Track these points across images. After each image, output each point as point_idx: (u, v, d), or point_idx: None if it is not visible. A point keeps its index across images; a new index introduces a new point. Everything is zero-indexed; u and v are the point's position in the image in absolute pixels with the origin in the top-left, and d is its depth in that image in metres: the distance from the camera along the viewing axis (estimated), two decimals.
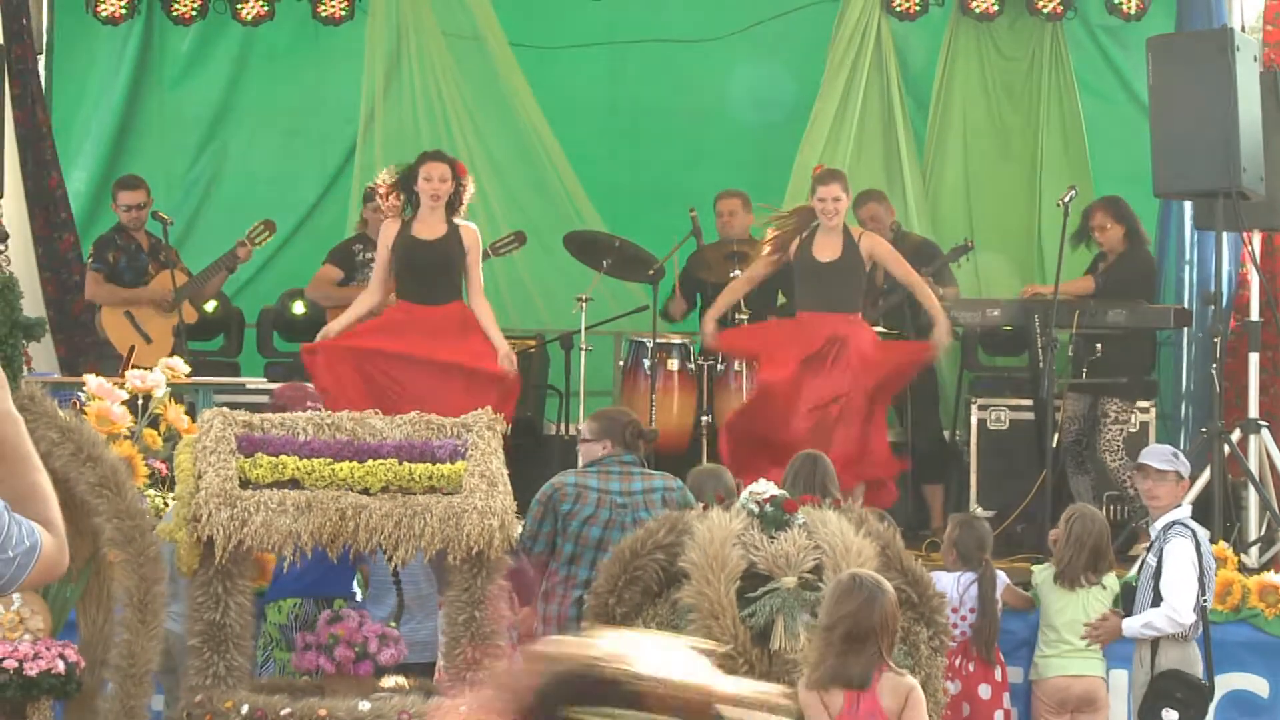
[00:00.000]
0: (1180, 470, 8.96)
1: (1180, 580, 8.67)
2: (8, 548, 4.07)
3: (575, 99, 14.07)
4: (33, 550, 4.11)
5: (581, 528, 8.51)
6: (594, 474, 8.64)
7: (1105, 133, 13.79)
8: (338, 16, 13.51)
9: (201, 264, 12.40)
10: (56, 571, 4.19)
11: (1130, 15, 13.45)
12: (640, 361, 11.92)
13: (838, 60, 13.56)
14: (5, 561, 4.08)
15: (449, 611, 7.45)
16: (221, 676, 7.27)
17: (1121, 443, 11.36)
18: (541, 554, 8.58)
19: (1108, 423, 11.43)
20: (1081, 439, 11.63)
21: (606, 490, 8.57)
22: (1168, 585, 8.68)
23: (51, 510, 4.20)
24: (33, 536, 4.12)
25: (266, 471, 7.37)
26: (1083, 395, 11.61)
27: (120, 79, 13.88)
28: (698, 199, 12.62)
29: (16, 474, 4.19)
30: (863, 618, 6.55)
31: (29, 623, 7.16)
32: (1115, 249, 11.77)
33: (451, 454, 7.53)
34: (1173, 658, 8.70)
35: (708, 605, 7.30)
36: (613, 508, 8.48)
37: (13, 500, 4.15)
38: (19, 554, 4.09)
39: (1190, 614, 8.65)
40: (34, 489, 4.20)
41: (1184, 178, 10.57)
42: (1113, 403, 11.46)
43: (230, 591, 7.31)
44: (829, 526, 7.51)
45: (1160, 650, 8.72)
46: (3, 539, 4.06)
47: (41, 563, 4.13)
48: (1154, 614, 8.68)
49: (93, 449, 7.13)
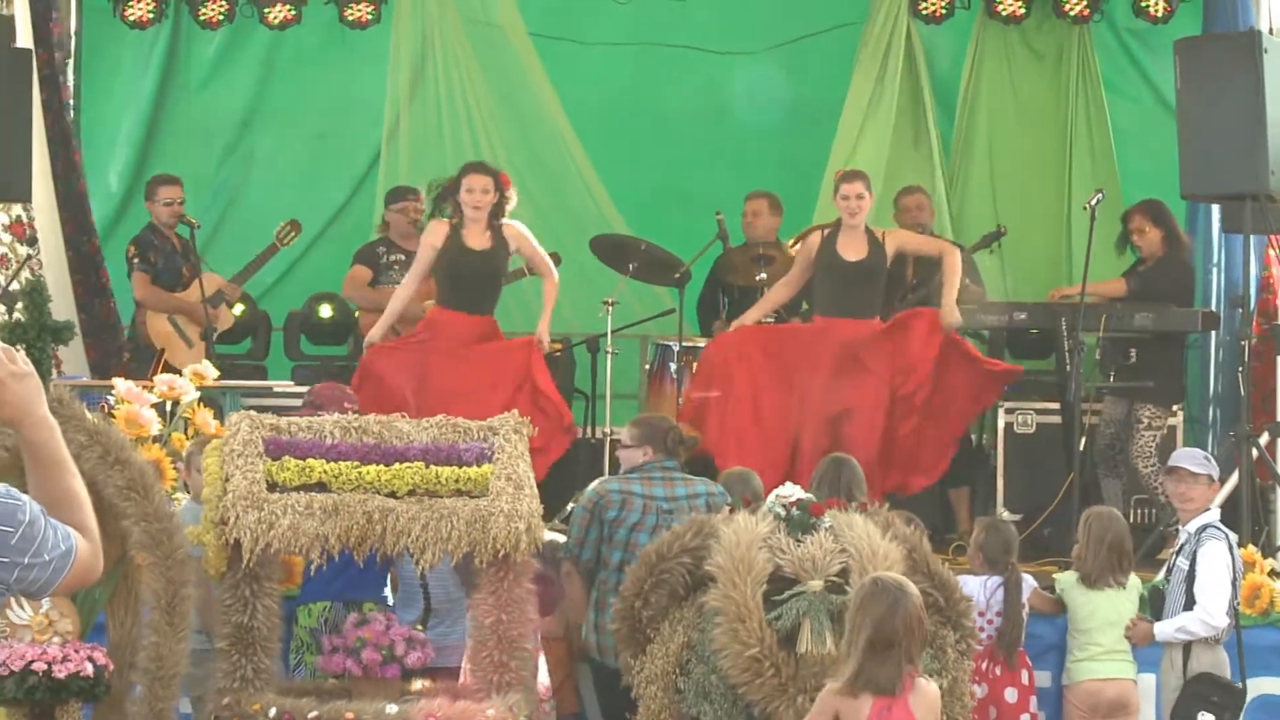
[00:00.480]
0: (1212, 473, 8.94)
1: (1215, 583, 8.65)
2: (43, 552, 4.12)
3: (601, 98, 14.10)
4: (68, 555, 4.14)
5: (630, 535, 8.49)
6: (637, 480, 8.64)
7: (1132, 135, 13.77)
8: (364, 20, 13.55)
9: (229, 267, 12.43)
10: (91, 576, 4.24)
11: (1157, 18, 13.44)
12: (666, 365, 11.92)
13: (866, 63, 13.57)
14: (41, 566, 4.12)
15: (475, 615, 7.46)
16: (249, 679, 7.28)
17: (1154, 449, 11.34)
18: (589, 561, 8.59)
19: (1141, 429, 11.41)
20: (1115, 444, 11.60)
21: (651, 496, 8.57)
22: (1202, 588, 8.65)
23: (86, 516, 4.23)
24: (68, 541, 4.16)
25: (294, 475, 7.37)
26: (1118, 400, 11.59)
27: (147, 83, 13.93)
28: (723, 202, 12.62)
29: (52, 479, 4.25)
30: (887, 622, 6.53)
31: (58, 625, 7.18)
32: (1154, 253, 11.70)
33: (478, 457, 7.53)
34: (1205, 661, 8.67)
35: (734, 608, 7.29)
36: (659, 513, 8.48)
37: (48, 505, 4.19)
38: (55, 558, 4.13)
39: (1224, 617, 8.63)
40: (69, 494, 4.25)
41: (1211, 180, 10.54)
42: (1146, 409, 11.43)
43: (258, 594, 7.32)
44: (855, 530, 7.49)
45: (1192, 654, 8.70)
46: (38, 543, 4.11)
47: (77, 567, 4.16)
48: (1187, 617, 8.66)
49: (121, 452, 7.14)
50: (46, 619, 7.17)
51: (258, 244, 12.50)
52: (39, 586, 4.16)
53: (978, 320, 11.90)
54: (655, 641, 7.67)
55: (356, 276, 12.29)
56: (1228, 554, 8.72)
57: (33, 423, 4.25)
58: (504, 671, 7.33)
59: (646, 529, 8.48)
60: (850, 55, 13.74)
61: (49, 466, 4.26)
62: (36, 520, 4.11)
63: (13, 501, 4.11)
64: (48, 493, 4.24)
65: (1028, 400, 12.13)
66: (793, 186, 13.06)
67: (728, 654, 7.29)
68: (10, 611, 7.12)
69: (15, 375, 4.23)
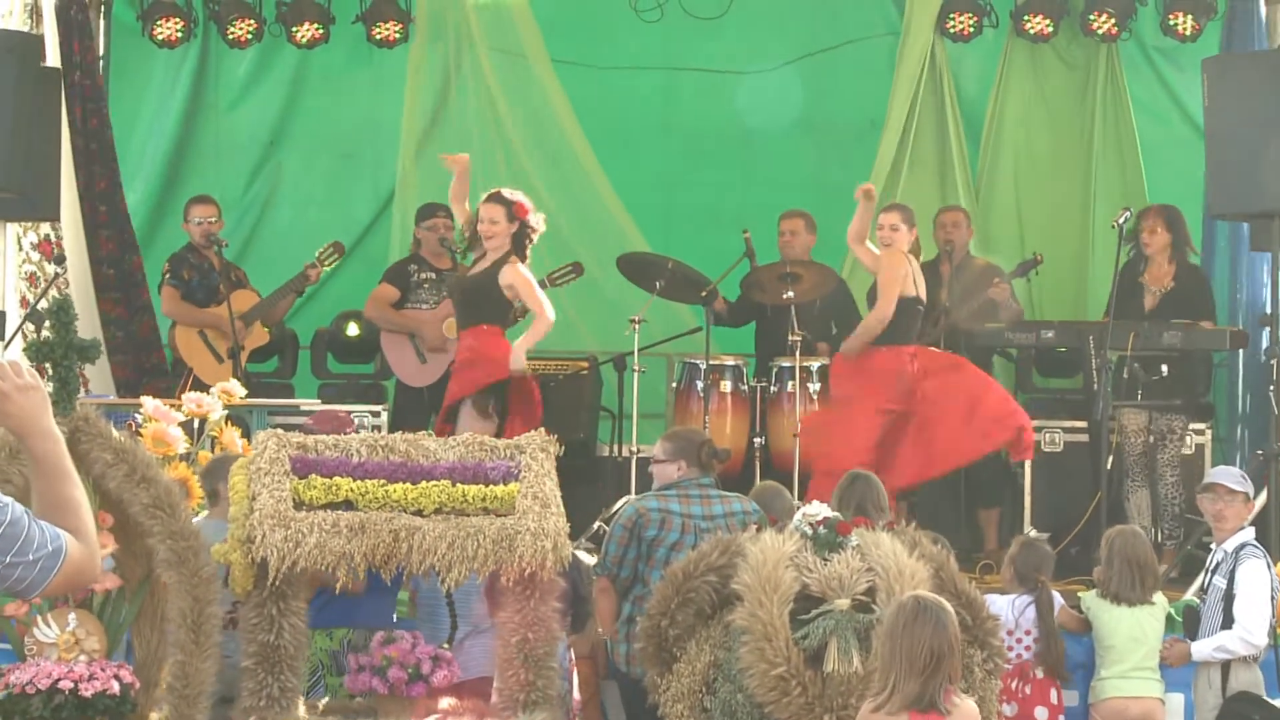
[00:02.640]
0: (1248, 491, 8.94)
1: (1256, 602, 8.63)
2: (27, 551, 4.24)
3: (628, 120, 14.11)
4: (57, 555, 4.27)
5: (669, 554, 8.42)
6: (675, 498, 8.60)
7: (1160, 154, 13.75)
8: (391, 39, 13.56)
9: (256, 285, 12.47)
10: (85, 578, 4.37)
11: (1185, 36, 13.41)
12: (693, 383, 11.92)
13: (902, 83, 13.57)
14: (26, 565, 4.24)
15: (502, 633, 7.45)
16: (275, 698, 7.28)
17: (1179, 461, 11.32)
18: (627, 579, 8.54)
19: (1174, 439, 11.41)
20: (1149, 452, 11.57)
21: (689, 515, 8.53)
22: (1243, 607, 8.63)
23: (82, 521, 4.37)
24: (57, 542, 4.28)
25: (320, 493, 7.37)
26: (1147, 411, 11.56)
27: (176, 102, 13.95)
28: (750, 221, 12.61)
29: (54, 488, 4.37)
30: (934, 641, 6.50)
31: (84, 643, 7.18)
32: (1157, 254, 11.66)
33: (504, 475, 7.52)
34: (1244, 680, 8.66)
35: (760, 627, 7.27)
36: (697, 533, 8.44)
37: (49, 511, 4.33)
38: (41, 558, 4.26)
39: (1264, 636, 8.61)
40: (70, 502, 4.37)
41: (1239, 199, 10.53)
42: (1178, 420, 11.43)
43: (284, 613, 7.32)
44: (882, 549, 7.47)
45: (1231, 672, 8.68)
46: (21, 543, 4.23)
47: (68, 567, 4.29)
48: (1226, 636, 8.64)
49: (147, 470, 7.15)
50: (73, 637, 7.17)
51: (284, 262, 12.53)
52: (25, 585, 4.27)
53: (1005, 339, 11.89)
54: (682, 660, 7.65)
55: (380, 296, 12.30)
56: (1267, 572, 8.69)
57: (38, 434, 4.35)
58: (530, 690, 7.32)
59: (686, 549, 8.41)
60: (878, 74, 13.73)
61: (51, 476, 4.38)
62: (18, 521, 4.23)
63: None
64: (48, 499, 4.37)
65: (1055, 418, 12.12)
66: (819, 205, 13.07)
67: (754, 673, 7.27)
68: (36, 630, 7.12)
69: (21, 388, 4.34)
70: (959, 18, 13.57)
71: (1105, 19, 13.48)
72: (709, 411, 11.70)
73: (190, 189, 13.19)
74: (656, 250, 12.93)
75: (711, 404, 11.75)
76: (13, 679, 6.95)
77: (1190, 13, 13.31)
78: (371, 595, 7.97)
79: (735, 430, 11.85)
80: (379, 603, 8.21)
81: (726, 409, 11.90)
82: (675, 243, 13.21)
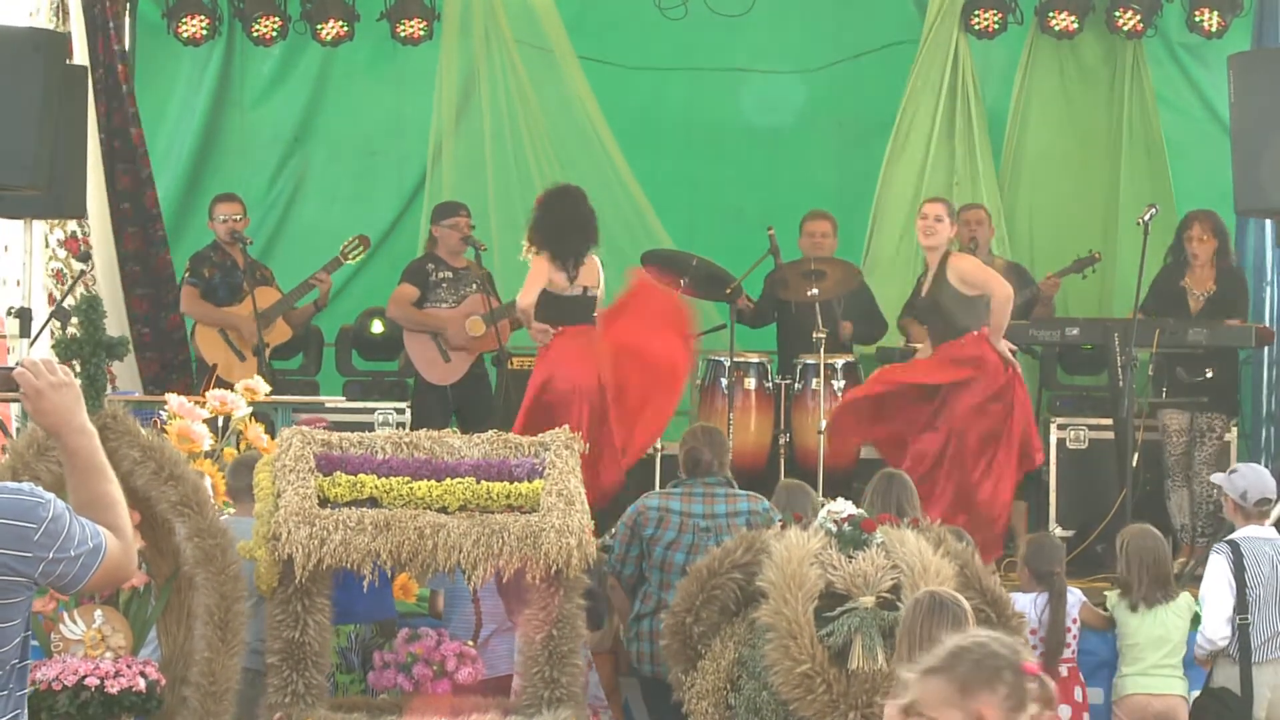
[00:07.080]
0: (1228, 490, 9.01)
1: (1208, 601, 8.73)
2: (69, 548, 4.28)
3: (652, 117, 14.10)
4: (97, 551, 4.29)
5: (665, 553, 8.49)
6: (677, 496, 8.63)
7: (1186, 150, 13.71)
8: (416, 37, 13.56)
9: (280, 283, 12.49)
10: (122, 575, 4.43)
11: (1211, 33, 13.38)
12: (718, 380, 11.91)
13: (920, 78, 13.56)
14: (69, 561, 4.29)
15: (525, 631, 7.46)
16: (300, 694, 7.30)
17: (1214, 460, 11.31)
18: (632, 577, 8.59)
19: (1212, 437, 11.40)
20: (1189, 452, 11.55)
21: (689, 513, 8.55)
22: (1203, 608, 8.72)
23: (119, 517, 4.40)
24: (97, 539, 4.32)
25: (345, 490, 7.39)
26: (1185, 410, 11.55)
27: (201, 99, 13.97)
28: (774, 218, 12.59)
29: (89, 484, 4.41)
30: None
31: (110, 640, 7.20)
32: (1205, 262, 11.65)
33: (529, 472, 7.53)
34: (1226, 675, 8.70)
35: (785, 624, 7.28)
36: (695, 531, 8.47)
37: (84, 507, 4.38)
38: (82, 554, 4.29)
39: (1218, 631, 8.63)
40: (105, 497, 4.42)
41: (1266, 196, 10.48)
42: (1219, 418, 11.42)
43: (309, 610, 7.33)
44: (907, 546, 7.47)
45: (1216, 668, 8.75)
46: (63, 539, 4.27)
47: (107, 563, 4.33)
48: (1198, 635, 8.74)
49: (174, 468, 7.17)
50: (99, 634, 7.19)
51: (308, 260, 12.54)
52: (67, 581, 4.31)
53: (1030, 336, 11.87)
54: (706, 657, 7.66)
55: (402, 295, 12.27)
56: (1228, 568, 8.71)
57: (72, 430, 4.40)
58: (554, 687, 7.33)
59: (683, 548, 8.48)
60: (902, 73, 13.72)
61: (86, 472, 4.42)
62: (61, 517, 4.26)
63: (34, 499, 4.26)
64: (84, 496, 4.41)
65: (1080, 416, 12.09)
66: (844, 204, 13.05)
67: (779, 670, 7.27)
68: (63, 626, 7.15)
69: (54, 385, 4.39)
70: (983, 14, 13.53)
71: (1130, 15, 13.44)
72: (733, 409, 11.69)
73: (215, 187, 13.20)
74: (681, 247, 12.93)
75: (736, 401, 11.74)
76: (39, 675, 6.97)
77: (1216, 9, 13.28)
78: (367, 590, 7.96)
79: (759, 427, 11.85)
80: (375, 596, 8.22)
81: (751, 406, 11.88)
82: (700, 240, 13.20)
